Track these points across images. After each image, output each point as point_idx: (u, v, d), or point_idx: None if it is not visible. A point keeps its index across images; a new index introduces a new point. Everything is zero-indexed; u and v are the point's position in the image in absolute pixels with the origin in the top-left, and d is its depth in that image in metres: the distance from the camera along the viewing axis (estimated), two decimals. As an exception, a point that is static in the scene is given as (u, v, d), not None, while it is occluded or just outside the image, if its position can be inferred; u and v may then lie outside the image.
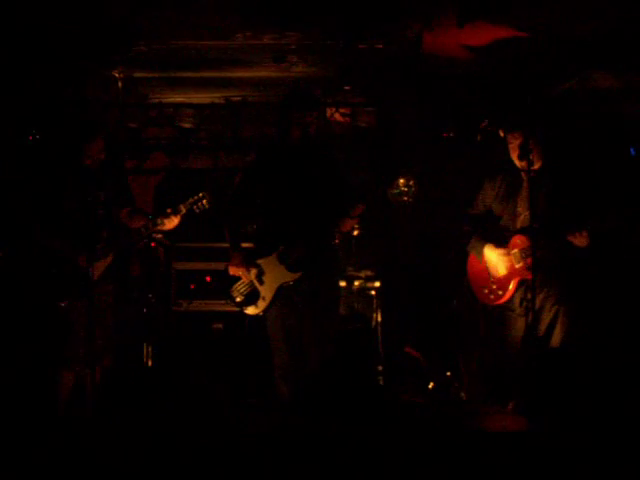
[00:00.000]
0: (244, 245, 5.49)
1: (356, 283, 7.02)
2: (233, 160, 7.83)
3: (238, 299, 5.44)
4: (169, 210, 5.51)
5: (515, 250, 5.36)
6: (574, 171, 5.44)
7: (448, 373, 6.64)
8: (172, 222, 5.52)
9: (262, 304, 5.37)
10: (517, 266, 5.36)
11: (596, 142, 6.46)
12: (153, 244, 6.84)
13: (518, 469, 4.48)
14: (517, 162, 5.35)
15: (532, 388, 5.20)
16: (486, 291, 5.54)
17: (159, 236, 6.72)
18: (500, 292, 5.44)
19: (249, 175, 5.54)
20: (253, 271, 5.38)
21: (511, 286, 5.39)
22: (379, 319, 6.90)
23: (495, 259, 5.44)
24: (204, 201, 5.50)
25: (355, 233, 6.93)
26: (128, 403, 5.99)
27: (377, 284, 6.98)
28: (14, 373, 6.01)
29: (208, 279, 7.05)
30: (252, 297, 5.39)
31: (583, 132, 6.51)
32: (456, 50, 6.29)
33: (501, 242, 5.43)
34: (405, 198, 5.56)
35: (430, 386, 6.61)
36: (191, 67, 6.86)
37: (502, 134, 5.91)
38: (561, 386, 5.16)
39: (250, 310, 5.42)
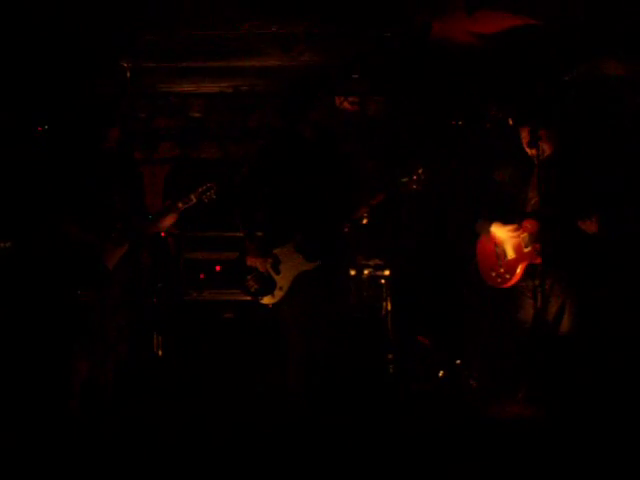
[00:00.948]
0: (258, 234, 5.50)
1: (366, 272, 7.02)
2: (242, 149, 7.84)
3: (254, 289, 5.45)
4: (180, 204, 5.52)
5: (525, 234, 5.36)
6: (584, 158, 5.43)
7: (458, 361, 6.64)
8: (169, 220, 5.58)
9: (279, 294, 5.38)
10: (526, 250, 5.36)
11: (606, 129, 6.44)
12: (163, 234, 6.84)
13: (528, 456, 4.49)
14: (527, 149, 5.35)
15: (542, 376, 5.21)
16: (494, 274, 5.54)
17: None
18: (507, 276, 5.44)
19: (258, 163, 5.55)
20: (269, 261, 5.39)
21: (519, 270, 5.39)
22: (389, 307, 6.90)
23: (504, 237, 5.44)
24: (212, 191, 5.53)
25: (364, 222, 6.93)
26: (140, 394, 6.03)
27: (387, 273, 6.98)
28: (28, 363, 6.04)
29: (218, 268, 7.06)
30: (268, 287, 5.40)
31: (593, 119, 6.49)
32: (465, 38, 6.28)
33: (509, 220, 5.43)
34: (414, 186, 5.54)
35: (440, 374, 6.61)
36: (199, 57, 6.85)
37: (511, 122, 5.89)
38: (570, 374, 5.16)
39: (267, 300, 5.42)
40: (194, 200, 5.53)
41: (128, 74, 6.93)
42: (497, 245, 5.50)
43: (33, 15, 5.72)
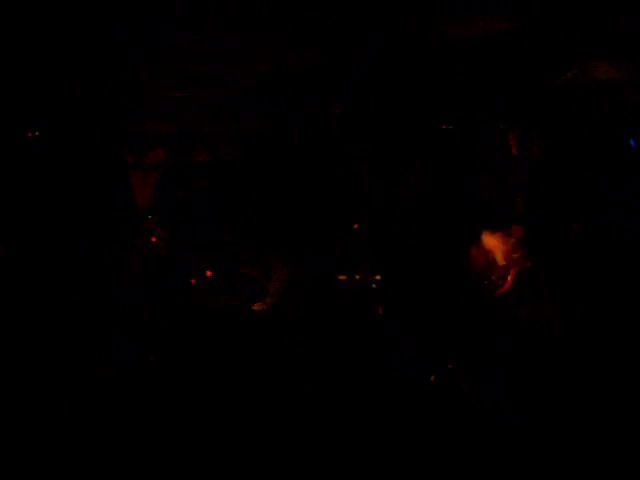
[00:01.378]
0: (251, 241, 5.51)
1: (357, 277, 7.01)
2: (233, 155, 7.83)
3: (245, 295, 5.45)
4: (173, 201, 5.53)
5: (513, 240, 5.38)
6: (574, 161, 5.46)
7: (450, 365, 6.64)
8: None
9: (270, 300, 5.39)
10: (515, 255, 5.38)
11: (596, 133, 6.47)
12: (153, 239, 6.84)
13: (525, 459, 4.49)
14: (517, 153, 5.37)
15: (537, 378, 5.22)
16: (486, 281, 5.57)
17: (159, 231, 6.74)
18: (500, 282, 5.47)
19: (250, 169, 5.56)
20: (262, 267, 5.40)
21: (510, 276, 5.41)
22: (380, 312, 6.90)
23: (493, 245, 5.47)
24: (202, 182, 5.53)
25: (356, 226, 6.93)
26: (135, 398, 6.02)
27: (378, 277, 6.98)
28: (28, 366, 6.04)
29: (209, 274, 7.05)
30: (260, 293, 5.41)
31: (583, 123, 6.51)
32: (457, 42, 6.30)
33: (497, 227, 5.46)
34: (407, 192, 5.57)
35: (432, 379, 6.61)
36: (192, 62, 6.86)
37: (502, 127, 5.92)
38: (565, 375, 5.18)
39: (258, 306, 5.43)
40: (183, 194, 5.54)
41: (122, 79, 6.96)
42: (487, 253, 5.52)
43: (29, 19, 5.73)
